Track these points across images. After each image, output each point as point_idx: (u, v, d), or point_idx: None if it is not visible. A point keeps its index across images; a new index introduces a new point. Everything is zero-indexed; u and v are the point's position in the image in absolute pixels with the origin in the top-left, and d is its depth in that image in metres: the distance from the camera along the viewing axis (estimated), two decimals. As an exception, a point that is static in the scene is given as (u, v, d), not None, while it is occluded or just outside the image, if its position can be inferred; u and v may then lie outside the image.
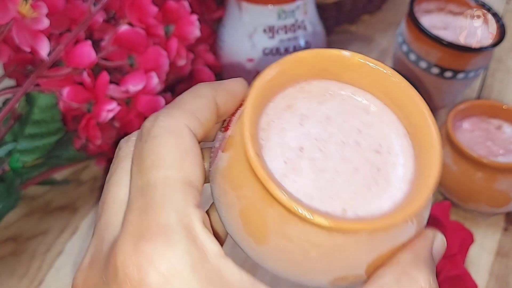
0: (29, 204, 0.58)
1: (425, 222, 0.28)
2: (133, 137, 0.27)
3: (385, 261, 0.26)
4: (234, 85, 0.28)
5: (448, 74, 0.61)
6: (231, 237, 0.27)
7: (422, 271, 0.25)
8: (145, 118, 0.53)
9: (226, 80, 0.28)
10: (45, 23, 0.45)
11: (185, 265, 0.21)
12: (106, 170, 0.60)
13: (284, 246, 0.25)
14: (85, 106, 0.51)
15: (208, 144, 0.29)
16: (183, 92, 0.27)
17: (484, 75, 0.75)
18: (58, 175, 0.59)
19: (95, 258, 0.24)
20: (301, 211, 0.23)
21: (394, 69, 0.28)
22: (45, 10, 0.45)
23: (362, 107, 0.29)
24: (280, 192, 0.23)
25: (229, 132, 0.27)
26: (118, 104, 0.50)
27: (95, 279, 0.24)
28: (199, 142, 0.26)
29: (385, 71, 0.28)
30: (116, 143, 0.56)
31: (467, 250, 0.54)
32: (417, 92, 0.27)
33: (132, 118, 0.52)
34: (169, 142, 0.24)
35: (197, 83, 0.66)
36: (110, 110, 0.50)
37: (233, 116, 0.28)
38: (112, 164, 0.27)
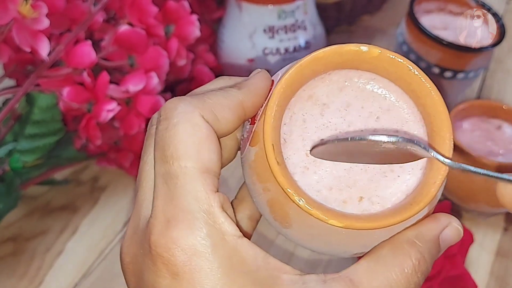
0: (29, 204, 0.58)
1: (436, 201, 0.29)
2: None
3: None
4: (260, 82, 0.29)
5: (448, 74, 0.62)
6: (263, 215, 0.30)
7: (417, 249, 0.27)
8: (146, 118, 0.54)
9: (252, 78, 0.29)
10: (45, 23, 0.45)
11: (206, 246, 0.25)
12: (106, 170, 0.60)
13: (306, 232, 0.28)
14: (85, 106, 0.51)
15: None
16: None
17: (484, 75, 0.75)
18: (58, 175, 0.59)
19: (135, 229, 0.28)
20: (318, 215, 0.26)
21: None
22: (45, 10, 0.45)
23: (380, 93, 0.29)
24: (298, 198, 0.26)
25: (255, 127, 0.28)
26: (118, 104, 0.50)
27: (135, 248, 0.27)
28: (218, 138, 0.28)
29: (403, 62, 0.28)
30: (116, 144, 0.56)
31: (467, 250, 0.54)
32: (433, 84, 0.28)
33: (132, 118, 0.52)
34: (186, 131, 0.26)
35: (197, 83, 0.67)
36: (110, 110, 0.50)
37: (259, 109, 0.29)
38: (145, 139, 0.29)
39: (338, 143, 0.27)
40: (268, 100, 0.28)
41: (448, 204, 0.55)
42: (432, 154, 0.27)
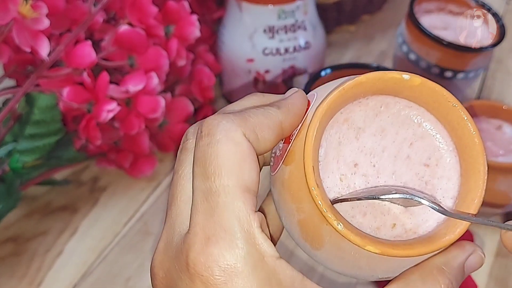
0: (29, 204, 0.58)
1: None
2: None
3: None
4: (297, 102, 0.29)
5: (448, 74, 0.62)
6: (290, 235, 0.30)
7: (445, 276, 0.28)
8: (145, 118, 0.54)
9: (290, 98, 0.29)
10: (45, 23, 0.45)
11: (246, 266, 0.25)
12: (106, 171, 0.60)
13: (337, 255, 0.28)
14: (85, 106, 0.51)
15: None
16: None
17: (484, 76, 0.75)
18: (58, 176, 0.59)
19: (168, 245, 0.28)
20: (356, 241, 0.26)
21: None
22: (45, 10, 0.45)
23: (415, 120, 0.30)
24: (337, 223, 0.26)
25: (290, 146, 0.28)
26: (118, 104, 0.50)
27: (168, 264, 0.27)
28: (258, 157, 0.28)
29: (443, 93, 0.29)
30: (116, 144, 0.56)
31: (467, 250, 0.53)
32: (470, 117, 0.29)
33: (132, 118, 0.52)
34: (229, 149, 0.26)
35: (197, 83, 0.66)
36: (110, 110, 0.50)
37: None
38: (179, 153, 0.29)
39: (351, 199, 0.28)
40: (309, 121, 0.28)
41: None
42: (436, 209, 0.27)
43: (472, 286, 0.51)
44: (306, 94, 0.30)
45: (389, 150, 0.29)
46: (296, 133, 0.29)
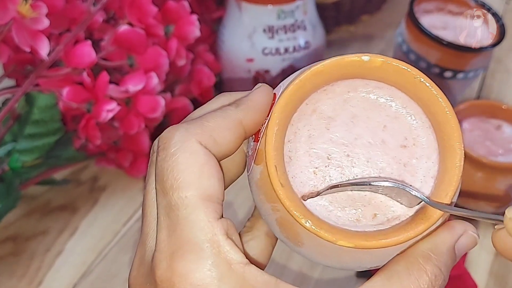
0: (28, 204, 0.58)
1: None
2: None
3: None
4: (260, 97, 0.28)
5: (448, 74, 0.61)
6: (275, 234, 0.30)
7: (432, 263, 0.27)
8: (145, 118, 0.54)
9: (251, 94, 0.29)
10: (45, 23, 0.45)
11: (213, 278, 0.24)
12: (105, 170, 0.60)
13: (319, 251, 0.28)
14: (85, 106, 0.51)
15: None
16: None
17: (484, 75, 0.75)
18: (58, 175, 0.59)
19: (141, 262, 0.28)
20: (326, 237, 0.25)
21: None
22: (44, 10, 0.45)
23: (386, 101, 0.29)
24: (305, 221, 0.25)
25: (258, 144, 0.28)
26: (118, 104, 0.50)
27: (141, 280, 0.27)
28: (218, 159, 0.27)
29: (408, 70, 0.28)
30: (115, 143, 0.56)
31: (467, 250, 0.53)
32: (441, 91, 0.27)
33: (132, 118, 0.52)
34: (184, 160, 0.26)
35: (196, 83, 0.67)
36: (110, 110, 0.50)
37: (262, 125, 0.28)
38: (148, 166, 0.29)
39: (341, 187, 0.27)
40: (269, 119, 0.27)
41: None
42: (427, 201, 0.26)
43: (472, 286, 0.51)
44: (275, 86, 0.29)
45: (363, 137, 0.28)
46: (263, 130, 0.28)
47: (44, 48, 0.45)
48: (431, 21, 0.64)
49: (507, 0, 0.86)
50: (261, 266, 0.31)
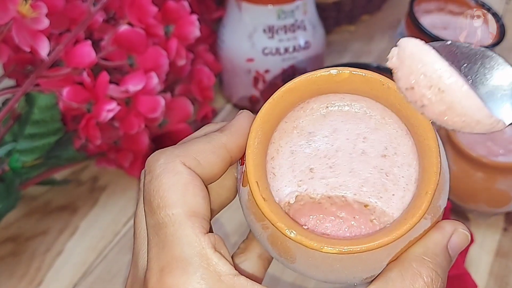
0: (28, 204, 0.58)
1: (441, 209, 0.28)
2: None
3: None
4: (242, 122, 0.29)
5: (448, 74, 0.61)
6: (269, 253, 0.30)
7: (427, 266, 0.26)
8: (145, 118, 0.54)
9: (234, 120, 0.30)
10: (45, 23, 0.45)
11: None
12: (106, 171, 0.60)
13: (311, 264, 0.28)
14: (85, 106, 0.51)
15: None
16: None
17: (484, 75, 0.75)
18: (58, 175, 0.59)
19: (134, 280, 0.29)
20: (311, 245, 0.26)
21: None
22: (44, 10, 0.45)
23: (364, 112, 0.29)
24: (289, 231, 0.26)
25: (244, 167, 0.28)
26: (118, 104, 0.50)
27: None
28: (205, 182, 0.28)
29: (374, 77, 0.28)
30: (115, 143, 0.56)
31: (467, 250, 0.54)
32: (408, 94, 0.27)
33: (132, 118, 0.52)
34: (169, 180, 0.27)
35: (196, 83, 0.66)
36: (110, 110, 0.50)
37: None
38: (137, 194, 0.31)
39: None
40: (248, 138, 0.28)
41: (448, 204, 0.55)
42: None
43: (472, 286, 0.51)
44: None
45: (344, 149, 0.29)
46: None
47: (44, 48, 0.45)
48: (431, 21, 0.64)
49: (507, 0, 0.86)
50: None
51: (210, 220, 0.28)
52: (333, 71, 0.28)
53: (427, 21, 0.63)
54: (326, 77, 0.28)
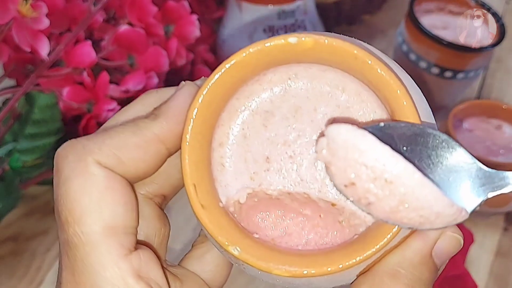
0: (29, 204, 0.58)
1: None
2: None
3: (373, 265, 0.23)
4: (182, 103, 0.23)
5: (448, 74, 0.61)
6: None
7: (401, 281, 0.22)
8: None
9: (172, 99, 0.24)
10: (45, 22, 0.45)
11: None
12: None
13: (262, 274, 0.23)
14: (85, 106, 0.51)
15: None
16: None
17: (484, 75, 0.75)
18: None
19: None
20: (260, 266, 0.22)
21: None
22: (45, 9, 0.45)
23: (334, 87, 0.24)
24: (233, 248, 0.22)
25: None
26: (118, 104, 0.50)
27: None
28: (128, 180, 0.23)
29: (345, 48, 0.23)
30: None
31: (467, 250, 0.54)
32: (387, 68, 0.23)
33: (132, 118, 0.52)
34: (79, 187, 0.21)
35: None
36: (110, 110, 0.50)
37: None
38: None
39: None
40: (184, 126, 0.23)
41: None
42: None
43: (472, 286, 0.51)
44: None
45: (306, 134, 0.24)
46: None
47: (44, 48, 0.45)
48: (431, 21, 0.64)
49: (507, 0, 0.86)
50: (219, 282, 0.27)
51: (136, 229, 0.23)
52: (292, 39, 0.22)
53: (427, 21, 0.63)
54: (282, 46, 0.22)
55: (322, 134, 0.22)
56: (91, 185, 0.21)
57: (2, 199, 0.51)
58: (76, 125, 0.53)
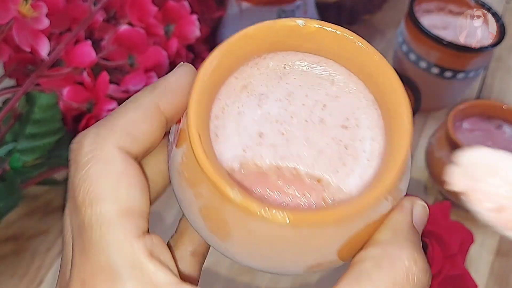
0: (29, 203, 0.58)
1: (403, 194, 0.25)
2: None
3: (359, 242, 0.24)
4: (179, 78, 0.25)
5: (448, 74, 0.62)
6: (197, 232, 0.26)
7: (405, 248, 0.23)
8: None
9: (169, 74, 0.25)
10: (45, 22, 0.45)
11: None
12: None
13: (249, 241, 0.24)
14: (85, 105, 0.51)
15: None
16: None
17: (484, 75, 0.75)
18: (58, 175, 0.59)
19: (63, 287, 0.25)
20: (254, 208, 0.22)
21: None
22: (45, 9, 0.45)
23: (326, 77, 0.26)
24: (231, 189, 0.22)
25: (180, 125, 0.25)
26: (118, 104, 0.50)
27: None
28: (139, 159, 0.24)
29: (347, 36, 0.25)
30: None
31: (467, 250, 0.54)
32: (383, 58, 0.25)
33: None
34: (97, 172, 0.22)
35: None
36: (110, 110, 0.50)
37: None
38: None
39: None
40: (192, 88, 0.24)
41: (448, 204, 0.55)
42: None
43: (472, 286, 0.51)
44: None
45: (299, 115, 0.25)
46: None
47: (44, 48, 0.46)
48: (431, 21, 0.64)
49: (507, 0, 0.86)
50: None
51: (148, 215, 0.23)
52: (300, 21, 0.25)
53: (427, 21, 0.64)
54: (290, 27, 0.25)
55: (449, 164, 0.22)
56: (109, 170, 0.22)
57: (2, 199, 0.51)
58: (76, 125, 0.53)
